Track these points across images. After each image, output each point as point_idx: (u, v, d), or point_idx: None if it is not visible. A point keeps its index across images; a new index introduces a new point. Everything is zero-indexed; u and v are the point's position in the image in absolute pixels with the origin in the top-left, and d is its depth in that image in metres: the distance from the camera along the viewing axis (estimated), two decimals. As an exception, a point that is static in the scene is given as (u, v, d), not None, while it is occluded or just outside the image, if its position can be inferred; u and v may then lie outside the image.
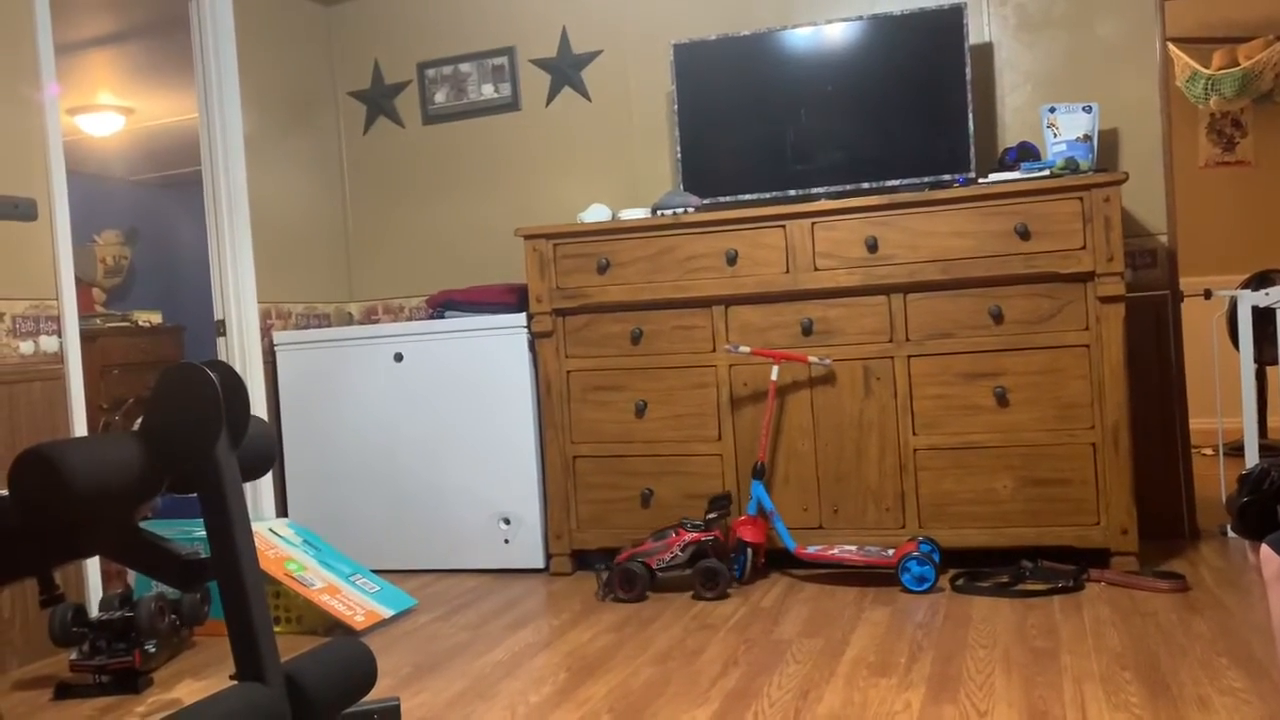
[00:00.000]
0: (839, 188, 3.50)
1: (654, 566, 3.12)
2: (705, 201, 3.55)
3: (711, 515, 3.16)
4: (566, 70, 4.05)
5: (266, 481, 3.78)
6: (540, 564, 3.55)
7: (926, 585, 2.95)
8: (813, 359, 3.21)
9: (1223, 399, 3.69)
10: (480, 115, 4.18)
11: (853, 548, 3.15)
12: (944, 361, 3.15)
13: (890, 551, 3.06)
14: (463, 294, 3.81)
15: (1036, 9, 3.55)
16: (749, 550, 3.18)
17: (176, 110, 5.30)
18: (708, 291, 3.32)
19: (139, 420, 1.75)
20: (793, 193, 3.55)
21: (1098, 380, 3.01)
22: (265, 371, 3.83)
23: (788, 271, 3.26)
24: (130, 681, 2.56)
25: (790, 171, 3.58)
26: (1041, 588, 2.91)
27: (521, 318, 3.55)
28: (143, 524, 1.96)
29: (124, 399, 4.98)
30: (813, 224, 3.23)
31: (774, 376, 3.24)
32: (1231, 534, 3.34)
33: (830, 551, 3.13)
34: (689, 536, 3.12)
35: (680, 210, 3.42)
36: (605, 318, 3.45)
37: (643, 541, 3.19)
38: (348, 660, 1.80)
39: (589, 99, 4.04)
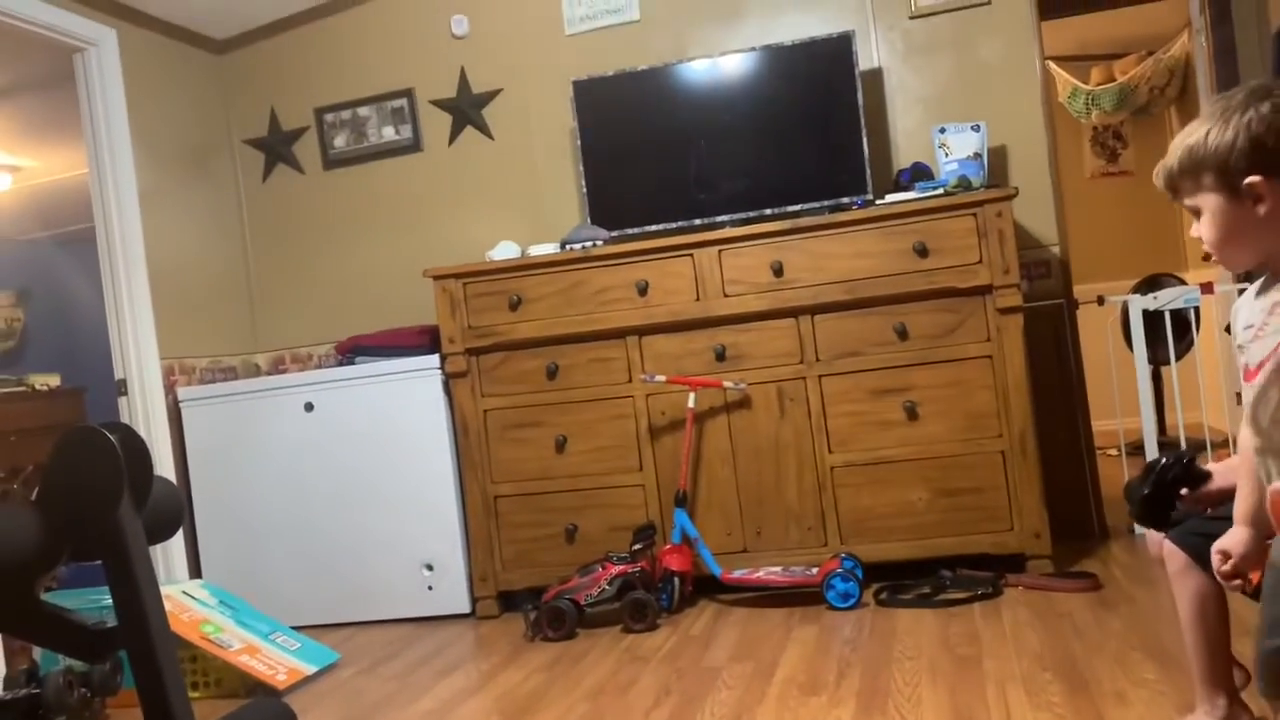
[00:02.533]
0: (742, 215, 3.55)
1: (582, 602, 3.10)
2: (613, 234, 3.58)
3: (636, 546, 3.16)
4: (467, 110, 4.05)
5: (178, 543, 3.67)
6: (466, 609, 3.50)
7: (851, 601, 2.99)
8: (727, 384, 3.25)
9: (1121, 400, 3.83)
10: (382, 158, 4.15)
11: (777, 569, 3.17)
12: (854, 379, 3.21)
13: (814, 570, 3.09)
14: (372, 338, 3.76)
15: (922, 34, 3.68)
16: (676, 579, 3.19)
17: (67, 166, 5.15)
18: (621, 323, 3.34)
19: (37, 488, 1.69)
20: (698, 221, 3.59)
21: (1002, 389, 3.10)
22: (171, 429, 3.73)
23: (698, 299, 3.29)
24: (40, 762, 2.45)
25: (695, 201, 3.63)
26: (962, 596, 2.97)
27: (434, 359, 3.51)
28: (46, 595, 1.89)
29: (22, 467, 4.79)
30: (719, 251, 3.27)
31: (691, 404, 3.26)
32: (1138, 530, 3.46)
33: (756, 574, 3.15)
34: (615, 570, 3.11)
35: (589, 244, 3.44)
36: (520, 354, 3.43)
37: (569, 578, 3.17)
38: (268, 721, 1.75)
39: (491, 137, 4.04)
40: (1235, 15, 4.62)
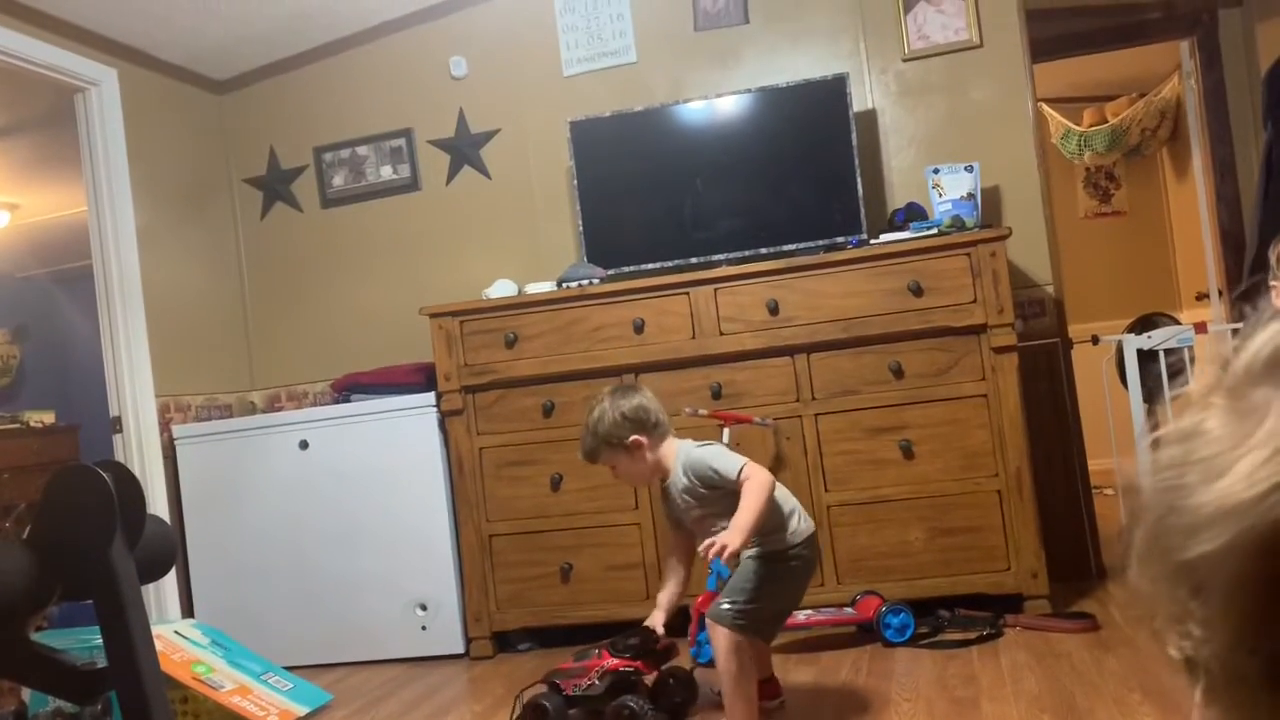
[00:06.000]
0: (738, 254, 3.56)
1: (569, 693, 2.57)
2: (610, 272, 3.59)
3: (632, 642, 2.60)
4: (465, 150, 4.08)
5: (170, 581, 3.64)
6: (460, 649, 3.47)
7: (909, 633, 2.95)
8: (756, 419, 3.21)
9: (1118, 439, 3.82)
10: (380, 197, 4.17)
11: (809, 610, 3.06)
12: (850, 418, 3.20)
13: (849, 609, 3.06)
14: (369, 376, 3.76)
15: (915, 76, 3.72)
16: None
17: (66, 204, 5.17)
18: (617, 360, 3.34)
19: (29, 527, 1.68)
20: (694, 260, 3.60)
21: (998, 428, 3.10)
22: (165, 467, 3.71)
23: (694, 337, 3.30)
24: (26, 806, 2.41)
25: (691, 240, 3.65)
26: (959, 637, 2.95)
27: (430, 397, 3.51)
28: (36, 635, 1.87)
29: (15, 504, 4.77)
30: (715, 290, 3.29)
31: (687, 442, 3.24)
32: (1136, 570, 3.44)
33: (798, 617, 2.98)
34: (610, 663, 2.57)
35: (585, 282, 3.45)
36: (516, 392, 3.43)
37: (567, 662, 2.71)
38: (259, 764, 1.73)
39: (489, 177, 4.07)
40: (1224, 59, 4.67)
